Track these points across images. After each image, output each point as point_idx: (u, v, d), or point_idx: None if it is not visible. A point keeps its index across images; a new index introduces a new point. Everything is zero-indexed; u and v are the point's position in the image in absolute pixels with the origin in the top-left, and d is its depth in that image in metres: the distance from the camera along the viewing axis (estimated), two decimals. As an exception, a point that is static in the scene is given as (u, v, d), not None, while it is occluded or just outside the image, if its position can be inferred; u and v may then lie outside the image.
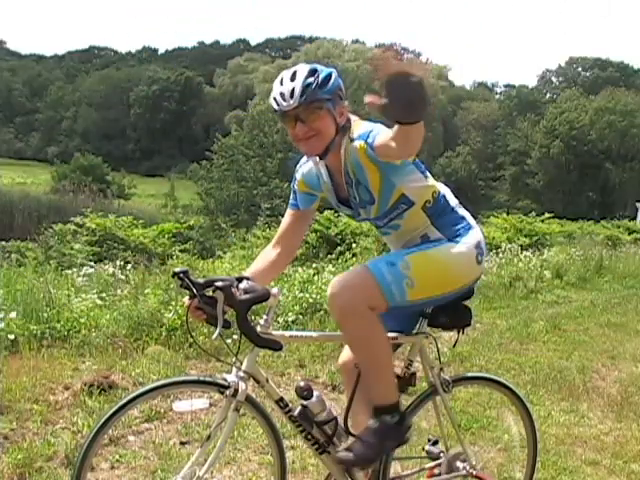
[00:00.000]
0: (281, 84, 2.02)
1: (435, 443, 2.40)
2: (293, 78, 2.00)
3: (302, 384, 2.16)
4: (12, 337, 4.33)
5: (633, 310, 8.33)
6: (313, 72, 2.01)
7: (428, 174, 2.19)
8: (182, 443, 3.28)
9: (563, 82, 73.52)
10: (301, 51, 66.37)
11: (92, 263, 7.52)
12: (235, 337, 2.19)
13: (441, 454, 2.41)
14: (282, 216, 2.35)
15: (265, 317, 2.06)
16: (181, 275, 1.96)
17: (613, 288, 10.42)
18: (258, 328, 2.02)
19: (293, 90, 1.98)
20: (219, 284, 1.94)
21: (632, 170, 52.20)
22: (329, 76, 2.03)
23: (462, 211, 2.27)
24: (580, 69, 74.92)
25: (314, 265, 7.48)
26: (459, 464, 2.42)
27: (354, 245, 9.59)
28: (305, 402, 2.14)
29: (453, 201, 2.27)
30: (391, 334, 2.19)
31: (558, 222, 20.19)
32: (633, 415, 4.17)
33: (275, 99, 2.03)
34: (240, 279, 2.00)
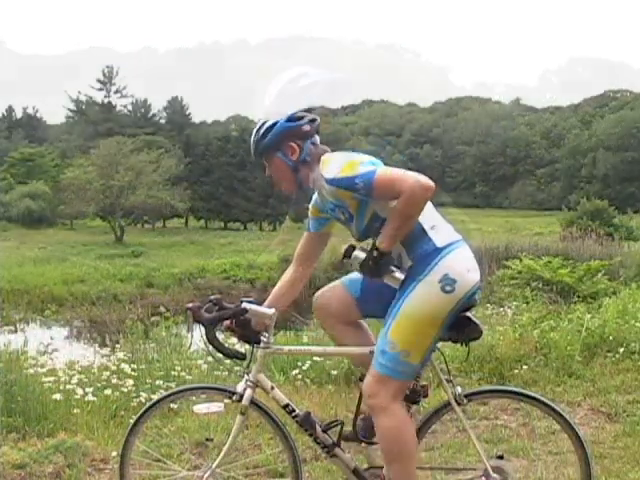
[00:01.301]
0: None
1: (500, 458, 2.32)
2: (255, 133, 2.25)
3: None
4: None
5: None
6: (259, 129, 2.22)
7: None
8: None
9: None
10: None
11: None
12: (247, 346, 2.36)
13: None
14: None
15: (266, 334, 2.26)
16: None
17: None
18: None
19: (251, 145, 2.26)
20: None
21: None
22: (271, 127, 2.19)
23: (442, 231, 2.19)
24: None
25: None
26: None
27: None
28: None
29: (434, 219, 2.20)
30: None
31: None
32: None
33: None
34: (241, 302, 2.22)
